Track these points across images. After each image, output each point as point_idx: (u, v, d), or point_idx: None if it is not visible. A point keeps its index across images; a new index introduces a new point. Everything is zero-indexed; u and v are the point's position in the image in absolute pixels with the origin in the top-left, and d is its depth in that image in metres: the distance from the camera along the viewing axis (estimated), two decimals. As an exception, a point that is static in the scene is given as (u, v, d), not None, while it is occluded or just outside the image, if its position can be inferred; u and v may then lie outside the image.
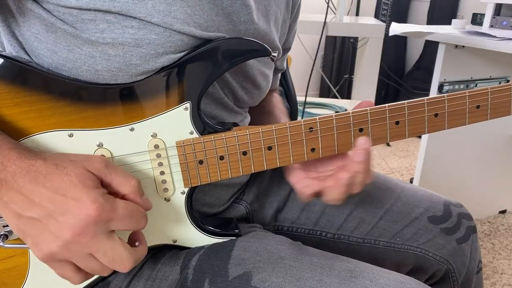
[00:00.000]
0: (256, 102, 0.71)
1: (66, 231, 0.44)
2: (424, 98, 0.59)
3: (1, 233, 0.52)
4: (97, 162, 0.47)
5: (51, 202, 0.44)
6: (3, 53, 0.52)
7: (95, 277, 0.57)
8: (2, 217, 0.52)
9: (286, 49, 0.82)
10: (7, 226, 0.52)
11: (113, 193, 0.49)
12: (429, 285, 0.55)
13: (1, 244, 0.52)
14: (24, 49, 0.54)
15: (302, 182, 0.61)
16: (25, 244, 0.53)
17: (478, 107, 0.60)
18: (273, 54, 0.57)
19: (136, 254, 0.48)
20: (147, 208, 0.50)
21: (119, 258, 0.46)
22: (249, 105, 0.71)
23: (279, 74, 0.89)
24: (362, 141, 0.57)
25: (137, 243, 0.51)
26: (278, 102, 0.83)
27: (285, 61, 0.88)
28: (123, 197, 0.49)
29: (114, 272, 0.58)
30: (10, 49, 0.56)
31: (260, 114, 0.77)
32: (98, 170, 0.47)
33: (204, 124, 0.56)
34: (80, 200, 0.44)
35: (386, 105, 0.58)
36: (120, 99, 0.53)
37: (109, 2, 0.49)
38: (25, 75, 0.50)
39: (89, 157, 0.48)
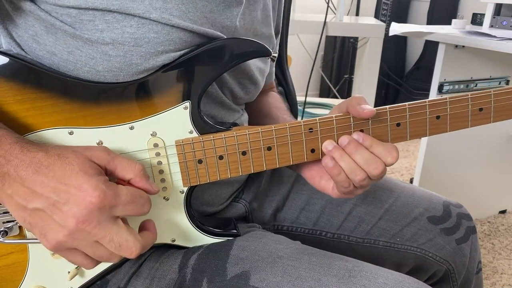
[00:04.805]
0: (253, 98, 0.72)
1: (70, 220, 0.44)
2: (425, 100, 0.58)
3: (1, 229, 0.53)
4: (98, 150, 0.48)
5: (53, 192, 0.44)
6: (4, 51, 0.53)
7: (100, 270, 0.58)
8: (2, 214, 0.52)
9: (276, 33, 0.82)
10: (7, 222, 0.53)
11: (119, 180, 0.49)
12: (429, 285, 0.54)
13: (0, 240, 0.52)
14: (23, 50, 0.55)
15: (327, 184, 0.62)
16: (24, 240, 0.54)
17: (481, 109, 0.60)
18: (273, 54, 0.57)
19: (143, 240, 0.49)
20: (154, 192, 0.51)
21: (126, 243, 0.46)
22: (246, 101, 0.71)
23: (273, 65, 0.87)
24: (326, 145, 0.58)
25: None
26: (276, 101, 0.82)
27: (277, 46, 0.86)
28: (128, 183, 0.49)
29: (116, 268, 0.59)
30: (11, 49, 0.56)
31: (259, 117, 0.77)
32: (100, 158, 0.47)
33: (203, 124, 0.56)
34: (81, 187, 0.44)
35: (387, 106, 0.58)
36: (120, 97, 0.53)
37: (107, 0, 0.49)
38: (26, 73, 0.51)
39: (90, 147, 0.49)
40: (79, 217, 0.44)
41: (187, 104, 0.55)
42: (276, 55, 0.59)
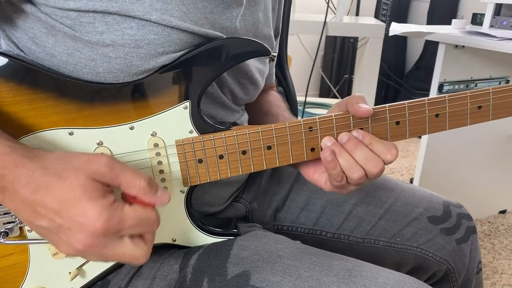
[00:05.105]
0: (253, 98, 0.72)
1: (76, 244, 0.43)
2: (424, 99, 0.59)
3: (1, 230, 0.52)
4: (101, 166, 0.44)
5: (57, 215, 0.43)
6: (4, 51, 0.53)
7: (101, 271, 0.58)
8: (2, 215, 0.52)
9: (275, 35, 0.81)
10: (7, 223, 0.53)
11: (124, 194, 0.48)
12: (429, 285, 0.55)
13: (1, 241, 0.52)
14: (22, 51, 0.55)
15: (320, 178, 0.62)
16: (25, 240, 0.54)
17: (479, 107, 0.60)
18: (273, 54, 0.57)
19: (147, 246, 0.48)
20: (164, 203, 0.48)
21: (134, 259, 0.46)
22: (246, 102, 0.71)
23: (273, 66, 0.88)
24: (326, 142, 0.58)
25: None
26: (276, 100, 0.82)
27: (277, 46, 0.87)
28: (135, 198, 0.47)
29: (117, 269, 0.59)
30: (9, 50, 0.56)
31: (259, 116, 0.77)
32: (103, 175, 0.44)
33: (203, 123, 0.56)
34: (85, 215, 0.42)
35: (387, 105, 0.58)
36: (120, 98, 0.53)
37: (107, 2, 0.49)
38: (26, 74, 0.50)
39: (92, 160, 0.45)
40: (85, 242, 0.43)
41: (187, 104, 0.55)
42: (275, 54, 0.59)
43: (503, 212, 1.95)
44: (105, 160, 0.45)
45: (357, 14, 2.95)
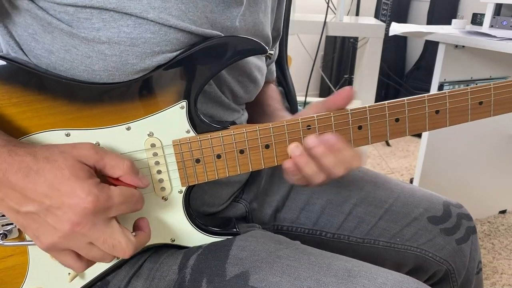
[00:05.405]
0: (253, 97, 0.71)
1: (65, 224, 0.44)
2: (424, 95, 0.58)
3: (1, 232, 0.52)
4: (86, 149, 0.47)
5: (46, 197, 0.44)
6: (0, 55, 0.52)
7: (100, 271, 0.58)
8: (1, 217, 0.52)
9: (276, 36, 0.81)
10: (6, 225, 0.53)
11: (108, 177, 0.49)
12: (429, 285, 0.54)
13: (0, 242, 0.52)
14: (22, 49, 0.54)
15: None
16: (24, 241, 0.54)
17: (480, 103, 0.60)
18: (269, 52, 0.57)
19: (137, 240, 0.49)
20: (144, 186, 0.51)
21: (119, 245, 0.47)
22: (246, 101, 0.71)
23: (274, 64, 0.88)
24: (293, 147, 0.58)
25: (133, 233, 0.51)
26: (269, 91, 0.82)
27: (277, 49, 0.86)
28: (118, 179, 0.49)
29: (116, 269, 0.59)
30: (8, 50, 0.56)
31: (252, 106, 0.77)
32: (88, 158, 0.47)
33: (200, 123, 0.56)
34: (74, 193, 0.44)
35: (386, 102, 0.58)
36: (116, 98, 0.53)
37: None
38: (22, 76, 0.50)
39: (78, 145, 0.48)
40: (74, 221, 0.44)
41: (184, 103, 0.54)
42: (272, 52, 0.58)
43: (503, 212, 1.95)
44: (90, 145, 0.49)
45: (357, 14, 2.95)
